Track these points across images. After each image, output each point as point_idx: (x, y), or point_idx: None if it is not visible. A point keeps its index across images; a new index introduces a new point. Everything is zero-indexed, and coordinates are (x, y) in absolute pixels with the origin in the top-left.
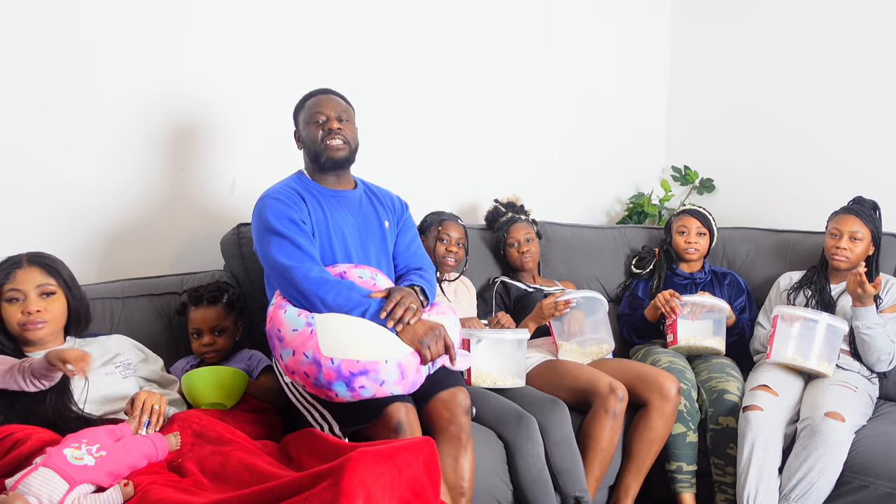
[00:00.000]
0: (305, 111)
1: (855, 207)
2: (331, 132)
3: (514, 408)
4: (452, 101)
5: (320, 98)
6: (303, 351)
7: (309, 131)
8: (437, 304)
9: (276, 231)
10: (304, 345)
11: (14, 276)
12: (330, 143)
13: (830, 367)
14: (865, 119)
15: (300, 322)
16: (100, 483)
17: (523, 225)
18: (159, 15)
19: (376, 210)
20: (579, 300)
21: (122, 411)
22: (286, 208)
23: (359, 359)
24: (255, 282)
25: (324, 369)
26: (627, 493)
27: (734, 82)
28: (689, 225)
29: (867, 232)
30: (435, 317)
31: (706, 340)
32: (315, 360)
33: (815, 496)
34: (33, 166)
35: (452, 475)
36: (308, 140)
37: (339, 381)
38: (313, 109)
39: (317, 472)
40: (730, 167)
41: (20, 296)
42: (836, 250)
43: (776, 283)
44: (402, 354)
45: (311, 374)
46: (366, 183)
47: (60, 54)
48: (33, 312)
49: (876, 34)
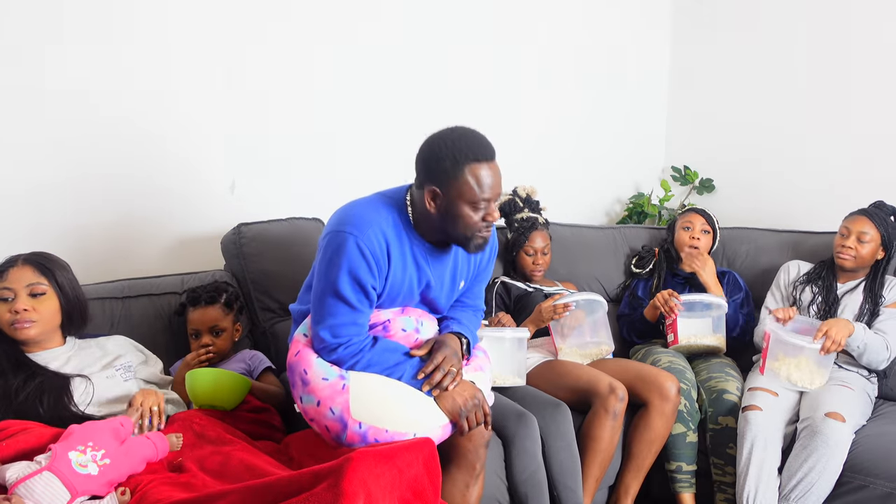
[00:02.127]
0: (469, 179)
1: (869, 209)
2: (488, 224)
3: (516, 406)
4: (452, 102)
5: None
6: (329, 406)
7: (466, 214)
8: (474, 357)
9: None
10: (333, 399)
11: (6, 275)
12: (485, 234)
13: (824, 380)
14: (866, 119)
15: (332, 373)
16: (98, 493)
17: (543, 234)
18: (159, 11)
19: (457, 271)
20: (579, 303)
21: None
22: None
23: (388, 428)
24: (255, 281)
25: (348, 431)
26: (627, 492)
27: (734, 83)
28: (695, 221)
29: (877, 235)
30: (471, 374)
31: (706, 339)
32: (342, 418)
33: (814, 496)
34: (33, 165)
35: (460, 500)
36: (461, 222)
37: (361, 444)
38: (482, 186)
39: (317, 472)
40: (730, 167)
41: (10, 295)
42: (841, 249)
43: (785, 269)
44: (434, 427)
45: (333, 431)
46: None
47: (58, 46)
48: (20, 311)
49: (876, 35)
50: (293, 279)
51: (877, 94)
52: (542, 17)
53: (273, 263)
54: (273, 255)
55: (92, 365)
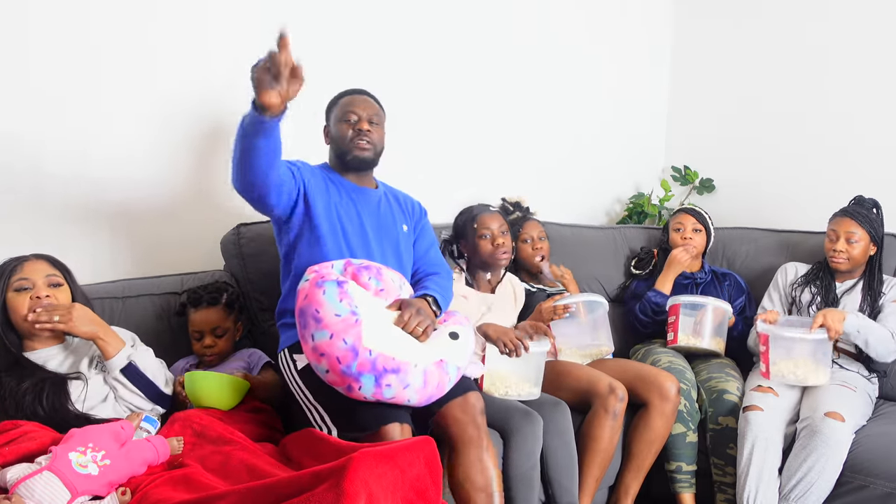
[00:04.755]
0: (338, 108)
1: (851, 209)
2: (360, 133)
3: (522, 406)
4: (452, 102)
5: (355, 98)
6: (342, 337)
7: (339, 129)
8: (452, 314)
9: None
10: (346, 331)
11: (22, 268)
12: (358, 142)
13: (826, 376)
14: (866, 118)
15: (343, 308)
16: (98, 494)
17: (535, 223)
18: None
19: (393, 213)
20: (579, 303)
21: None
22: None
23: (395, 356)
24: (254, 282)
25: (359, 359)
26: (627, 492)
27: (734, 82)
28: (685, 222)
29: (864, 233)
30: (452, 327)
31: (705, 342)
32: (354, 348)
33: (814, 496)
34: (31, 167)
35: (481, 477)
36: (336, 137)
37: (370, 374)
38: (346, 108)
39: (318, 472)
40: (730, 167)
41: (29, 284)
42: (833, 253)
43: (783, 271)
44: (429, 363)
45: (344, 361)
46: (386, 185)
47: (69, 54)
48: (42, 297)
49: (878, 33)
50: None
51: (877, 94)
52: (542, 16)
53: (273, 263)
54: (273, 256)
55: (88, 363)
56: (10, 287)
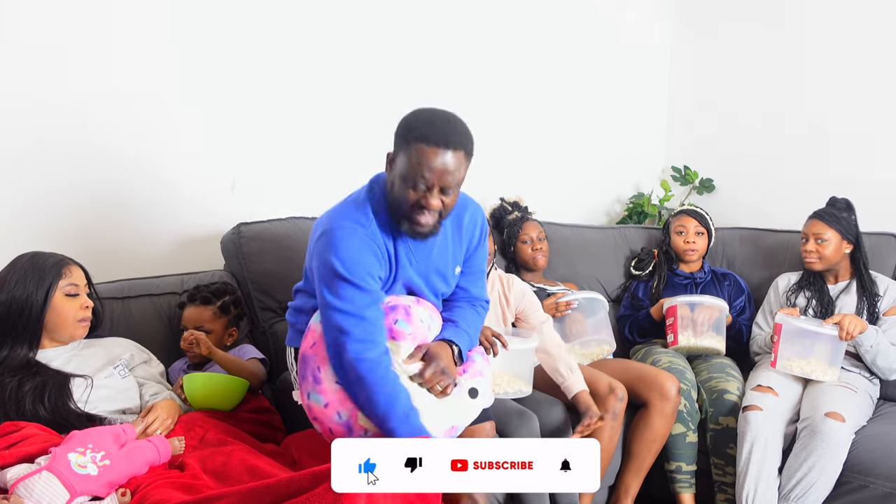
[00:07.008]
0: (412, 155)
1: (819, 210)
2: (423, 209)
3: (517, 405)
4: (451, 102)
5: (435, 151)
6: (337, 410)
7: (402, 186)
8: (472, 361)
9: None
10: (342, 405)
11: (70, 272)
12: (418, 217)
13: (835, 374)
14: (866, 119)
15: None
16: (98, 494)
17: (535, 224)
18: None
19: (447, 256)
20: (580, 301)
21: (123, 409)
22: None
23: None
24: (254, 281)
25: (353, 435)
26: (627, 492)
27: (734, 82)
28: (688, 225)
29: (834, 233)
30: (472, 381)
31: (706, 341)
32: (348, 424)
33: (814, 496)
34: (33, 166)
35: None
36: (397, 192)
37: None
38: (418, 162)
39: (317, 473)
40: (730, 167)
41: (77, 291)
42: (805, 254)
43: (774, 284)
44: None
45: (336, 434)
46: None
47: (46, 50)
48: (89, 307)
49: (875, 36)
50: (293, 279)
51: (877, 94)
52: (542, 15)
53: (273, 263)
54: (273, 255)
55: (93, 365)
56: (60, 288)
